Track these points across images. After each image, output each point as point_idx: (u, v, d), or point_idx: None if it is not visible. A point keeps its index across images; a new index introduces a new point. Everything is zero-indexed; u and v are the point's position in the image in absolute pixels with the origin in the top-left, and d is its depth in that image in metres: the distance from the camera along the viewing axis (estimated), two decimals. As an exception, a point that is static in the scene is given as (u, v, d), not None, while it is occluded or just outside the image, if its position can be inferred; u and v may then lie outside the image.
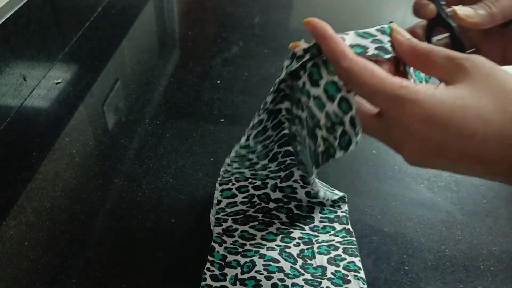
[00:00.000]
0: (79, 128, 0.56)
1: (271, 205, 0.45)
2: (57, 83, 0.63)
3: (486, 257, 0.43)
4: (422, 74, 0.32)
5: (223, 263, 0.40)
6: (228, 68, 0.68)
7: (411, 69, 0.30)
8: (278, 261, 0.41)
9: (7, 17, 0.54)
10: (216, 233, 0.43)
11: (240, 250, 0.41)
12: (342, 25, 0.93)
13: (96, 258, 0.42)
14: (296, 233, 0.43)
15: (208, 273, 0.39)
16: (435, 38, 0.34)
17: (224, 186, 0.45)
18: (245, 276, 0.39)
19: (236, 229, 0.43)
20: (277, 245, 0.42)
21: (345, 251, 0.42)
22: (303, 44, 0.31)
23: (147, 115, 0.59)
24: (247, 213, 0.44)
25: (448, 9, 0.32)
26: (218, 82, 0.65)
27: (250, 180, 0.45)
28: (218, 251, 0.41)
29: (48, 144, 0.53)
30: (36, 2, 0.60)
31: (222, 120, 0.58)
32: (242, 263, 0.40)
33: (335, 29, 0.28)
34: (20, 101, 0.59)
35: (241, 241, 0.42)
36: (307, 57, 0.31)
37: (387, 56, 0.28)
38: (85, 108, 0.60)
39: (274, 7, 0.87)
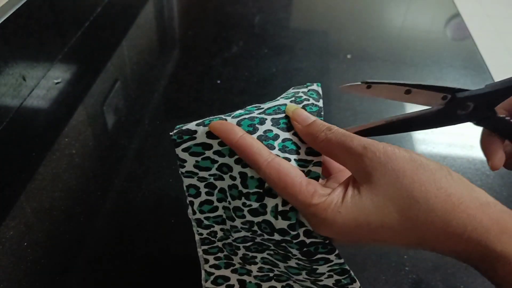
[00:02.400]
0: (78, 128, 0.56)
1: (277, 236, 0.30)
2: (56, 83, 0.63)
3: (487, 257, 0.43)
4: None
5: None
6: (228, 68, 0.68)
7: None
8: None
9: (6, 17, 0.54)
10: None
11: (271, 275, 0.34)
12: (342, 25, 0.93)
13: (95, 258, 0.42)
14: (323, 268, 0.30)
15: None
16: None
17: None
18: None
19: (254, 257, 0.33)
20: (306, 278, 0.32)
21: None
22: None
23: (147, 115, 0.59)
24: (256, 241, 0.32)
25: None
26: (218, 82, 0.65)
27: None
28: (250, 282, 0.35)
29: (48, 144, 0.53)
30: (35, 2, 0.60)
31: (222, 120, 0.58)
32: None
33: (335, 29, 0.28)
34: (20, 101, 0.59)
35: (267, 266, 0.34)
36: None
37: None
38: (85, 108, 0.60)
39: (274, 7, 0.87)
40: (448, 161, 0.54)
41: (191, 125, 0.29)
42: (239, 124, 0.28)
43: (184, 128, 0.30)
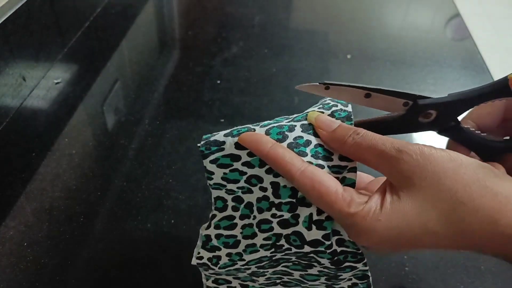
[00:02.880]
0: (78, 128, 0.56)
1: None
2: (56, 83, 0.63)
3: (487, 258, 0.43)
4: None
5: None
6: (228, 68, 0.68)
7: None
8: None
9: (6, 17, 0.54)
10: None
11: (278, 281, 0.34)
12: (342, 25, 0.93)
13: (95, 258, 0.42)
14: (347, 274, 0.31)
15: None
16: None
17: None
18: None
19: (265, 272, 0.33)
20: (322, 282, 0.33)
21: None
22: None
23: (147, 116, 0.59)
24: (274, 258, 0.31)
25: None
26: (218, 82, 0.65)
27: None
28: (253, 286, 0.34)
29: (48, 144, 0.53)
30: (35, 2, 0.60)
31: (222, 120, 0.58)
32: None
33: (335, 29, 0.28)
34: (20, 101, 0.59)
35: (275, 276, 0.34)
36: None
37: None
38: (85, 109, 0.60)
39: (274, 7, 0.87)
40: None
41: (219, 136, 0.29)
42: (267, 133, 0.28)
43: (212, 139, 0.29)
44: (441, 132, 0.29)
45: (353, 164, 0.27)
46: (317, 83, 0.28)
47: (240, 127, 0.29)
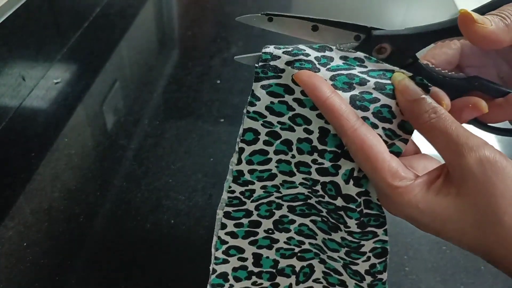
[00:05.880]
0: (78, 128, 0.56)
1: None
2: (56, 83, 0.63)
3: (487, 258, 0.43)
4: None
5: (274, 270, 0.34)
6: (227, 68, 0.68)
7: None
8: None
9: (5, 17, 0.54)
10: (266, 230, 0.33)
11: (297, 250, 0.34)
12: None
13: (95, 259, 0.42)
14: (368, 245, 0.31)
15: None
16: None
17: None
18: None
19: (293, 221, 0.32)
20: (341, 258, 0.32)
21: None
22: None
23: (146, 116, 0.59)
24: (309, 201, 0.31)
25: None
26: (218, 82, 0.65)
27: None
28: (267, 257, 0.34)
29: (47, 144, 0.53)
30: (34, 2, 0.60)
31: (222, 120, 0.58)
32: (298, 269, 0.34)
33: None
34: (19, 102, 0.59)
35: (298, 238, 0.33)
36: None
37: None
38: (84, 109, 0.59)
39: (274, 7, 0.87)
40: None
41: (280, 62, 0.26)
42: (333, 78, 0.25)
43: (272, 63, 0.27)
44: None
45: (408, 136, 0.26)
46: (259, 14, 0.26)
47: (305, 58, 0.26)
